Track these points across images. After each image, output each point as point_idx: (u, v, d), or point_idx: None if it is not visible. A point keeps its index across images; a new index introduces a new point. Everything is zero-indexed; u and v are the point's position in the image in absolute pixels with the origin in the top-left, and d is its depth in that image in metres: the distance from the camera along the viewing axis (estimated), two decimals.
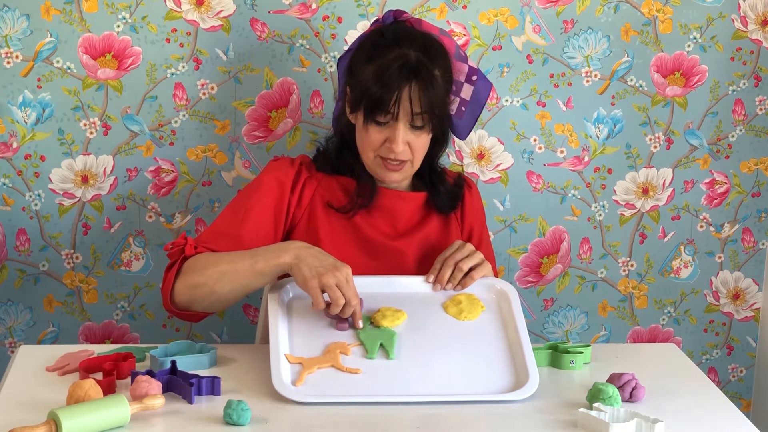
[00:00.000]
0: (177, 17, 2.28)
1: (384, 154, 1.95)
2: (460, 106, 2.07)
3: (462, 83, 2.06)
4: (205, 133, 2.35)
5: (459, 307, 1.85)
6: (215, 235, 1.96)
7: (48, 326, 2.40)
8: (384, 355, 1.74)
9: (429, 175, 2.08)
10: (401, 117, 1.91)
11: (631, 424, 1.55)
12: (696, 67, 2.45)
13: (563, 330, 2.57)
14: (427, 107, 1.91)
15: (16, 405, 1.61)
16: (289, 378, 1.67)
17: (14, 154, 2.30)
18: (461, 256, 1.92)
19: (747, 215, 2.57)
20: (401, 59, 1.90)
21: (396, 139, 1.92)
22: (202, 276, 1.86)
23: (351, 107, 1.98)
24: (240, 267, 1.84)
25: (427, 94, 1.90)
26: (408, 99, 1.89)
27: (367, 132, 1.94)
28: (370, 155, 1.97)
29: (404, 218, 2.05)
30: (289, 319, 1.80)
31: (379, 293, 1.87)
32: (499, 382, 1.70)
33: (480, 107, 2.08)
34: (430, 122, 1.94)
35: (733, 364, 2.66)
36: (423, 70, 1.90)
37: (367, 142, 1.95)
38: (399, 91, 1.88)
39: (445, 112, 1.99)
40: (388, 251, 2.02)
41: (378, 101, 1.90)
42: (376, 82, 1.90)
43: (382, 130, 1.93)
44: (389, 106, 1.89)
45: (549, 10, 2.38)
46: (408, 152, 1.95)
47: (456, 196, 2.10)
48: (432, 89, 1.90)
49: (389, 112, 1.90)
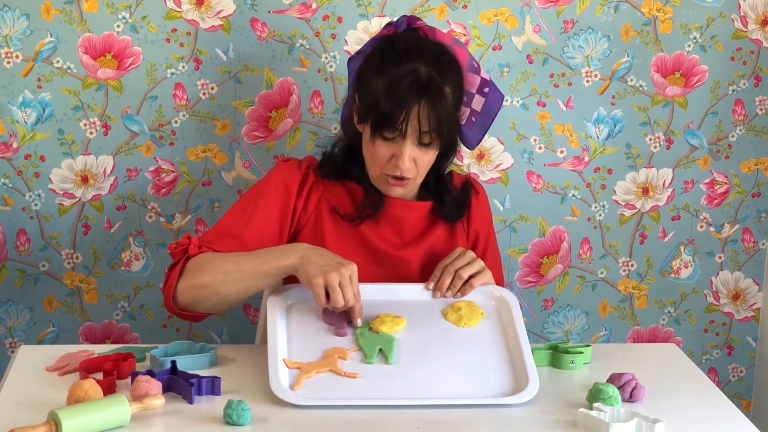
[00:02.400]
0: (177, 17, 2.28)
1: (389, 171, 1.93)
2: (470, 117, 2.04)
3: (473, 94, 2.03)
4: (205, 133, 2.35)
5: (459, 313, 1.85)
6: (219, 236, 1.94)
7: (48, 326, 2.40)
8: (383, 360, 1.73)
9: (435, 185, 2.07)
10: (409, 135, 1.88)
11: (631, 424, 1.55)
12: (696, 67, 2.45)
13: (563, 330, 2.57)
14: (435, 126, 1.88)
15: (16, 405, 1.61)
16: (287, 382, 1.66)
17: (14, 154, 2.30)
18: (462, 264, 1.91)
19: (747, 215, 2.57)
20: (412, 75, 1.87)
21: (402, 156, 1.89)
22: (206, 276, 1.85)
23: (359, 117, 1.96)
24: (245, 268, 1.83)
25: (436, 113, 1.87)
26: (417, 117, 1.86)
27: (374, 146, 1.92)
28: (376, 170, 1.95)
29: (410, 227, 2.03)
30: (287, 324, 1.80)
31: (378, 300, 1.87)
32: (499, 386, 1.70)
33: (491, 119, 2.04)
34: (438, 140, 1.91)
35: (733, 364, 2.66)
36: (433, 87, 1.87)
37: (374, 157, 1.93)
38: (408, 109, 1.85)
39: (454, 128, 1.96)
40: (394, 260, 2.01)
41: (386, 117, 1.87)
42: (386, 98, 1.87)
43: (389, 146, 1.91)
44: (397, 123, 1.86)
45: (549, 10, 2.38)
46: (413, 169, 1.93)
47: (462, 205, 2.08)
48: (441, 107, 1.87)
49: (397, 128, 1.87)
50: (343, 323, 1.80)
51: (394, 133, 1.88)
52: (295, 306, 1.84)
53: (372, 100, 1.89)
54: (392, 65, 1.90)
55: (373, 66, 1.93)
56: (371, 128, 1.90)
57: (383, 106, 1.87)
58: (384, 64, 1.91)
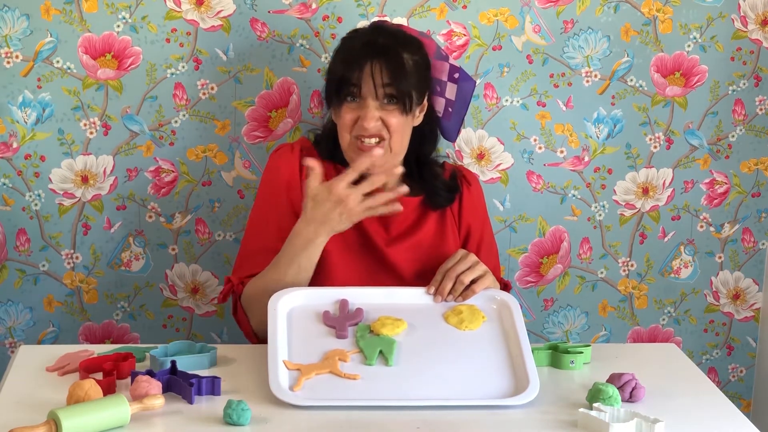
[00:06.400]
0: (177, 17, 2.28)
1: (357, 132, 1.96)
2: (446, 107, 2.07)
3: (445, 83, 2.06)
4: (205, 133, 2.35)
5: (460, 317, 1.85)
6: (252, 256, 1.99)
7: (48, 326, 2.40)
8: (383, 362, 1.73)
9: (420, 169, 2.08)
10: (367, 92, 1.93)
11: (631, 424, 1.55)
12: (696, 67, 2.45)
13: (563, 330, 2.57)
14: (391, 80, 1.92)
15: (16, 405, 1.61)
16: (287, 383, 1.67)
17: (14, 154, 2.30)
18: (463, 268, 1.91)
19: (747, 215, 2.57)
20: (366, 42, 1.96)
21: (366, 114, 1.93)
22: (264, 305, 1.89)
23: (327, 101, 2.01)
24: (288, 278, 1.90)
25: (391, 68, 1.93)
26: (370, 74, 1.92)
27: (341, 115, 1.97)
28: (346, 137, 1.98)
29: (396, 222, 2.04)
30: (288, 327, 1.80)
31: (379, 303, 1.87)
32: (500, 387, 1.69)
33: (465, 106, 2.09)
34: (402, 100, 1.94)
35: (733, 364, 2.66)
36: (389, 49, 1.94)
37: (342, 126, 1.97)
38: (361, 66, 1.92)
39: (419, 94, 1.99)
40: (382, 253, 2.02)
41: (343, 78, 1.94)
42: (341, 63, 1.96)
43: (353, 109, 1.95)
44: (353, 79, 1.92)
45: (549, 10, 2.38)
46: (383, 129, 1.95)
47: (452, 189, 2.10)
48: (396, 64, 1.93)
49: (354, 85, 1.93)
50: (343, 326, 1.80)
51: (354, 90, 1.94)
52: (296, 309, 1.85)
53: (331, 73, 1.99)
54: (349, 41, 2.01)
55: (336, 49, 2.03)
56: (335, 99, 1.97)
57: (339, 71, 1.95)
58: (342, 42, 2.03)
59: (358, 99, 1.94)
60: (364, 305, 1.84)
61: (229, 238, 2.40)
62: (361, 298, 1.85)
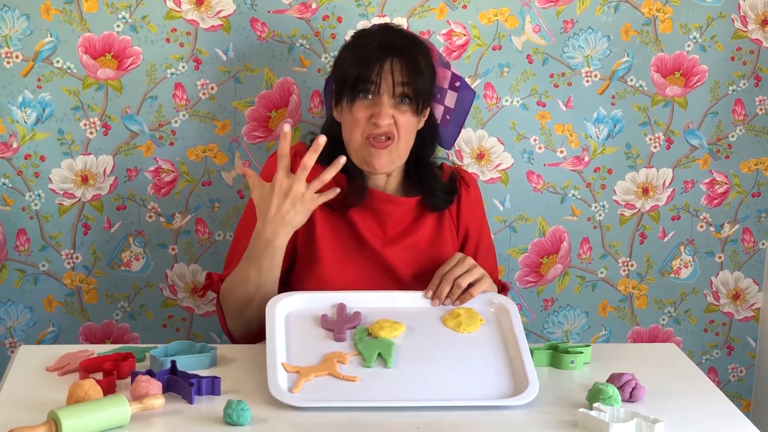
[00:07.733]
0: (177, 17, 2.28)
1: (370, 131, 1.95)
2: (444, 115, 2.08)
3: (446, 90, 2.07)
4: (205, 133, 2.35)
5: (458, 320, 1.85)
6: (237, 258, 1.98)
7: (48, 326, 2.40)
8: (382, 364, 1.73)
9: (419, 171, 2.07)
10: (384, 90, 1.93)
11: (631, 424, 1.55)
12: (696, 67, 2.45)
13: (563, 330, 2.57)
14: (409, 78, 1.93)
15: (16, 405, 1.61)
16: (286, 385, 1.67)
17: (14, 154, 2.30)
18: (460, 272, 1.91)
19: (747, 215, 2.57)
20: (382, 40, 1.95)
21: (380, 111, 1.93)
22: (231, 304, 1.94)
23: (336, 100, 2.00)
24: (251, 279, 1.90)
25: (409, 67, 1.93)
26: (390, 71, 1.92)
27: (352, 112, 1.96)
28: (357, 138, 1.96)
29: (393, 222, 2.04)
30: (286, 330, 1.80)
31: (377, 307, 1.87)
32: (499, 388, 1.69)
33: (464, 115, 2.10)
34: (415, 99, 1.94)
35: (733, 364, 2.66)
36: (406, 50, 1.94)
37: (354, 124, 1.96)
38: (381, 64, 1.92)
39: (430, 97, 2.00)
40: (378, 254, 2.02)
41: (361, 76, 1.93)
42: (357, 59, 1.94)
43: (367, 106, 1.95)
44: (372, 76, 1.92)
45: (549, 10, 2.38)
46: (394, 128, 1.95)
47: (451, 191, 2.10)
48: (414, 64, 1.93)
49: (372, 82, 1.92)
50: (341, 329, 1.80)
51: (370, 87, 1.93)
52: (294, 313, 1.85)
53: (344, 71, 1.96)
54: (362, 39, 2.00)
55: (345, 49, 2.02)
56: (348, 96, 1.95)
57: (356, 68, 1.93)
58: (354, 41, 2.01)
59: (373, 96, 1.94)
60: (362, 309, 1.84)
61: (229, 238, 2.40)
62: (358, 302, 1.86)
